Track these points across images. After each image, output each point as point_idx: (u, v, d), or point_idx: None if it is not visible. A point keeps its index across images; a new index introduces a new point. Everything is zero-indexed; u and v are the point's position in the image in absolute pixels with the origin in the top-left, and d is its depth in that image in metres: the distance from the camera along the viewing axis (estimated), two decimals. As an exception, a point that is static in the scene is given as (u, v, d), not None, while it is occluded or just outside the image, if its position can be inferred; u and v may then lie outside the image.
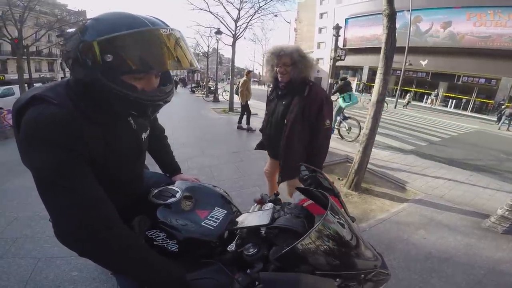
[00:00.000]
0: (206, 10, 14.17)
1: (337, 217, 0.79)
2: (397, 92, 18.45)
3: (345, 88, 6.16)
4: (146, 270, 0.75)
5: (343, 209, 1.02)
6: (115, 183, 0.93)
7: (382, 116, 3.52)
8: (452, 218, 3.07)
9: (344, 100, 6.27)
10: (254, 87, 38.15)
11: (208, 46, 19.95)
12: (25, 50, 11.48)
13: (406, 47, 16.80)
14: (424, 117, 14.08)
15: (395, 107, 17.03)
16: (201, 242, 0.94)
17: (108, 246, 0.71)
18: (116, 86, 0.70)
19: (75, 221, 0.68)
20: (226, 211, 1.07)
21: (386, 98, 3.46)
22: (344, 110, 6.49)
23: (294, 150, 2.00)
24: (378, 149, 5.55)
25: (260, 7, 14.11)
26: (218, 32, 13.70)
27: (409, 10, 17.28)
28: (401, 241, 2.58)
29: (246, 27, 14.66)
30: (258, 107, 11.38)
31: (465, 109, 21.07)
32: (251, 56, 74.36)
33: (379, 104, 3.34)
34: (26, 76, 12.60)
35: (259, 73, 62.75)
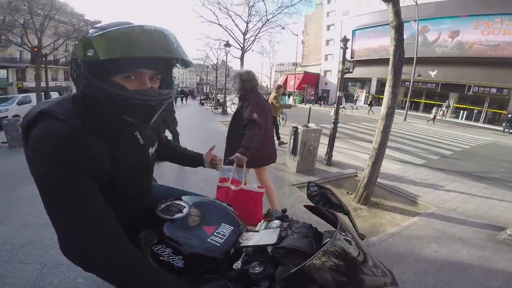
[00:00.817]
0: (215, 23, 14.60)
1: (345, 235, 0.78)
2: (407, 104, 18.22)
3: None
4: (149, 287, 0.75)
5: (353, 226, 1.01)
6: (122, 198, 0.93)
7: (392, 129, 3.48)
8: (466, 231, 2.99)
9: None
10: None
11: (217, 59, 20.41)
12: (43, 58, 11.93)
13: (415, 58, 16.69)
14: (434, 129, 13.83)
15: (404, 120, 16.81)
16: (207, 258, 0.93)
17: (112, 262, 0.71)
18: (107, 86, 0.70)
19: (78, 237, 0.68)
20: (232, 228, 1.05)
21: (396, 110, 3.42)
22: None
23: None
24: (388, 162, 5.46)
25: (268, 20, 14.46)
26: (227, 44, 14.01)
27: (416, 20, 17.23)
28: (411, 255, 2.52)
29: (254, 40, 14.99)
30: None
31: (477, 120, 20.58)
32: (259, 69, 75.52)
33: (389, 117, 3.30)
34: (43, 84, 13.04)
35: (266, 85, 63.53)
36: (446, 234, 2.91)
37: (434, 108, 17.71)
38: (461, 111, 21.51)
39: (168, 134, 4.56)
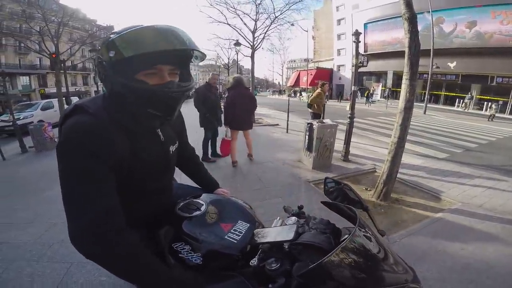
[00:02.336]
0: (224, 23, 14.66)
1: (365, 232, 0.76)
2: (426, 96, 17.57)
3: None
4: (150, 278, 0.77)
5: (373, 223, 0.98)
6: (140, 193, 0.97)
7: (411, 123, 3.37)
8: (493, 228, 2.85)
9: None
10: (273, 97, 38.51)
11: (228, 58, 20.49)
12: (61, 64, 12.42)
13: (431, 50, 16.10)
14: (457, 122, 13.26)
15: (424, 113, 16.23)
16: (224, 255, 0.94)
17: (112, 252, 0.74)
18: (130, 82, 0.78)
19: (85, 227, 0.72)
20: (249, 225, 1.06)
21: (414, 103, 3.31)
22: None
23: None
24: (408, 157, 5.30)
25: (276, 17, 14.34)
26: (237, 43, 14.01)
27: (429, 12, 16.63)
28: (435, 252, 2.44)
29: (263, 38, 14.92)
30: (279, 117, 11.34)
31: (502, 111, 19.51)
32: (270, 66, 75.45)
33: (408, 110, 3.20)
34: (63, 89, 13.56)
35: (278, 83, 63.16)
36: (472, 231, 2.79)
37: (494, 104, 15.86)
38: (485, 103, 20.44)
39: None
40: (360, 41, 5.11)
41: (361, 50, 5.19)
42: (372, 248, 0.74)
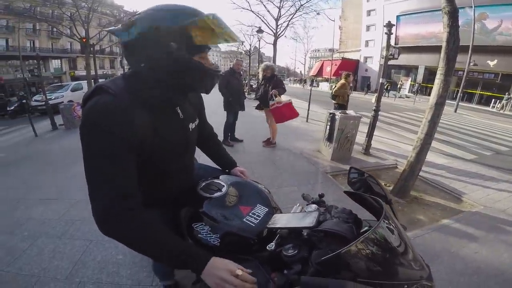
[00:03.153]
0: (247, 9, 14.45)
1: (388, 224, 0.74)
2: (459, 94, 16.49)
3: None
4: (164, 250, 0.79)
5: (394, 216, 0.96)
6: (163, 173, 0.98)
7: (440, 120, 3.21)
8: None
9: None
10: (294, 86, 37.85)
11: (250, 45, 20.27)
12: (91, 48, 12.88)
13: (470, 46, 14.98)
14: (490, 123, 12.41)
15: (455, 111, 15.33)
16: (241, 238, 0.94)
17: (129, 230, 0.77)
18: (194, 61, 0.83)
19: (102, 205, 0.75)
20: (267, 209, 1.05)
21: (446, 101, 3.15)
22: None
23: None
24: (433, 155, 5.07)
25: (302, 5, 13.91)
26: (260, 31, 13.81)
27: (471, 7, 15.44)
28: (447, 254, 2.37)
29: (287, 26, 14.59)
30: (299, 106, 11.13)
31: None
32: (292, 55, 73.97)
33: (439, 107, 3.05)
34: (92, 72, 14.11)
35: (300, 71, 61.91)
36: (490, 235, 2.67)
37: None
38: None
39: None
40: (392, 33, 4.88)
41: (392, 42, 4.94)
42: (393, 241, 0.72)
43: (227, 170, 1.40)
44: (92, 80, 12.02)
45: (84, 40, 12.58)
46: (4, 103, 14.49)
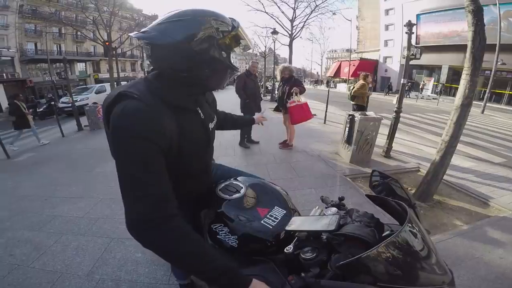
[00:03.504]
0: (262, 11, 14.46)
1: (412, 228, 0.73)
2: (486, 95, 15.63)
3: None
4: (202, 262, 0.77)
5: (418, 221, 0.94)
6: (186, 174, 1.00)
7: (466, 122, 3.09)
8: None
9: None
10: (311, 87, 37.35)
11: (265, 46, 20.25)
12: (114, 51, 13.39)
13: (497, 45, 14.21)
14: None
15: (482, 112, 14.59)
16: (259, 240, 0.94)
17: (168, 237, 0.75)
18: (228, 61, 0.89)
19: (141, 213, 0.73)
20: (285, 211, 1.06)
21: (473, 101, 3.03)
22: None
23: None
24: (458, 159, 4.86)
25: (317, 5, 13.74)
26: (274, 32, 13.77)
27: (495, 4, 14.70)
28: (470, 259, 2.28)
29: (302, 27, 14.46)
30: (317, 108, 10.98)
31: None
32: (308, 56, 73.16)
33: (465, 108, 2.94)
34: (114, 75, 14.65)
35: (317, 72, 61.09)
36: None
37: None
38: None
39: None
40: (413, 33, 4.74)
41: (413, 42, 4.79)
42: (416, 246, 0.71)
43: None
44: (115, 83, 12.47)
45: (107, 43, 13.08)
46: (34, 105, 15.33)
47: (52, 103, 9.68)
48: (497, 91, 20.26)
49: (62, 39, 27.00)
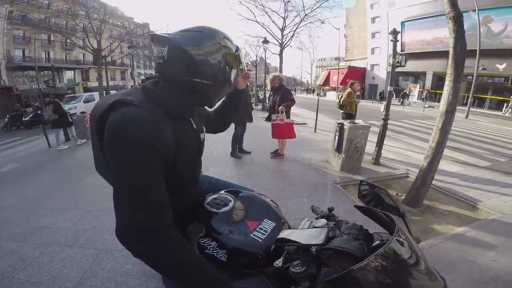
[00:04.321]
0: (253, 20, 14.69)
1: (401, 238, 0.73)
2: (469, 100, 16.11)
3: None
4: (195, 273, 0.77)
5: (408, 230, 0.94)
6: (180, 186, 0.98)
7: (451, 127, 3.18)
8: None
9: None
10: (302, 95, 37.93)
11: (256, 56, 20.46)
12: (103, 60, 13.25)
13: (478, 50, 14.76)
14: (504, 128, 12.11)
15: (466, 117, 15.04)
16: (248, 254, 0.93)
17: (165, 247, 0.73)
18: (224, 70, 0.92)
19: (140, 222, 0.71)
20: (275, 224, 1.04)
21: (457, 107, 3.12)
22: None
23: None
24: (445, 164, 4.96)
25: (306, 15, 14.09)
26: (265, 41, 13.97)
27: (475, 10, 15.27)
28: (463, 262, 2.31)
29: (292, 36, 14.75)
30: (307, 116, 11.11)
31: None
32: (298, 64, 74.28)
33: (449, 114, 3.01)
34: (104, 84, 14.47)
35: (307, 81, 62.03)
36: (509, 242, 2.59)
37: None
38: None
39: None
40: (398, 40, 4.88)
41: (398, 49, 4.92)
42: (405, 256, 0.71)
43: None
44: (104, 92, 12.30)
45: (96, 51, 12.94)
46: (20, 114, 14.77)
47: (39, 112, 9.38)
48: (480, 95, 21.00)
49: (51, 46, 26.61)
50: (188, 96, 0.91)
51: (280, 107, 4.74)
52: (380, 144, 4.94)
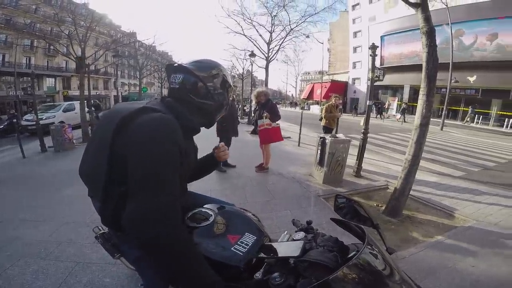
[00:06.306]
0: (240, 34, 14.95)
1: (372, 250, 0.77)
2: (444, 112, 16.88)
3: None
4: (203, 270, 0.83)
5: (382, 240, 0.98)
6: None
7: (427, 139, 3.32)
8: (508, 245, 2.77)
9: None
10: (286, 109, 38.51)
11: (243, 68, 20.67)
12: (86, 68, 12.90)
13: (450, 63, 15.60)
14: (475, 139, 12.80)
15: (441, 129, 15.76)
16: (229, 267, 0.94)
17: (180, 236, 0.81)
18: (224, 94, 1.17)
19: (158, 205, 0.79)
20: (256, 237, 1.06)
21: (431, 119, 3.25)
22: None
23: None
24: (422, 174, 5.17)
25: (292, 29, 14.52)
26: (252, 54, 14.20)
27: (448, 24, 16.12)
28: (444, 268, 2.38)
29: (278, 49, 15.11)
30: (291, 130, 11.21)
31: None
32: (284, 78, 75.69)
33: (423, 127, 3.14)
34: (85, 92, 14.05)
35: (292, 95, 63.09)
36: (486, 248, 2.71)
37: None
38: (506, 119, 19.41)
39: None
40: (376, 55, 5.07)
41: (378, 63, 5.15)
42: (378, 267, 0.75)
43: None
44: (85, 101, 11.93)
45: (80, 59, 12.61)
46: (-7, 122, 14.07)
47: (14, 120, 8.90)
48: (453, 107, 22.01)
49: (33, 52, 25.68)
50: (197, 115, 1.10)
51: (265, 113, 4.85)
52: (360, 157, 5.07)
